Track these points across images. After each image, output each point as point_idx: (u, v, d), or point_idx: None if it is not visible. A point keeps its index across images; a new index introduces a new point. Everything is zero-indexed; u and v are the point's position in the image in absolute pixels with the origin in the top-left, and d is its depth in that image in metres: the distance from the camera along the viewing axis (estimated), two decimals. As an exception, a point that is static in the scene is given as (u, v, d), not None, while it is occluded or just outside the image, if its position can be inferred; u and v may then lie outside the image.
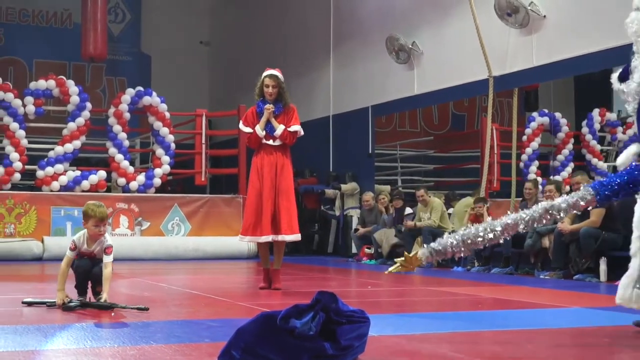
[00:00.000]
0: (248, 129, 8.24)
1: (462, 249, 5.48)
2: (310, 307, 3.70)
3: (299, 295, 7.62)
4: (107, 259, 6.14)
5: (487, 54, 13.11)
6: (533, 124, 15.45)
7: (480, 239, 5.33)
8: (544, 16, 12.47)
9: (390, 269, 6.18)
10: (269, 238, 7.99)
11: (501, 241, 5.51)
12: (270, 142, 8.17)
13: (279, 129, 8.13)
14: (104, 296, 5.96)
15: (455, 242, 5.45)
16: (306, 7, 18.93)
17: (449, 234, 5.54)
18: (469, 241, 5.35)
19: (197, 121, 16.22)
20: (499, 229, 5.32)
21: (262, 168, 8.12)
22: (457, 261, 12.69)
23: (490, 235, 5.34)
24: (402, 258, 6.05)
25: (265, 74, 8.25)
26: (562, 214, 5.23)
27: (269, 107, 8.15)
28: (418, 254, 5.96)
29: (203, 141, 15.96)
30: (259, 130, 8.15)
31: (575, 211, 5.34)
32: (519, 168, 14.58)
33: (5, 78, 15.98)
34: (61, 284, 6.11)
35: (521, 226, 5.25)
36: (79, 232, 6.34)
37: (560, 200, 5.22)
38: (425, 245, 5.65)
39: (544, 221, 5.28)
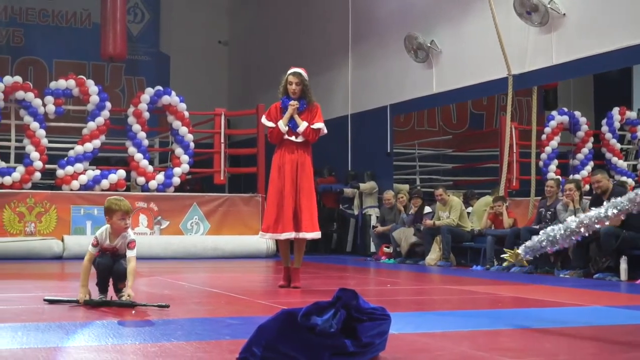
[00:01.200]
0: (270, 124, 8.25)
1: (560, 243, 5.25)
2: (331, 305, 3.71)
3: (318, 294, 7.62)
4: (131, 254, 6.14)
5: (507, 52, 13.09)
6: (552, 123, 15.37)
7: (575, 234, 5.13)
8: (564, 14, 12.42)
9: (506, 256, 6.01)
10: (290, 235, 8.01)
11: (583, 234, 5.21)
12: (292, 138, 8.18)
13: (302, 125, 8.14)
14: (128, 291, 5.97)
15: (551, 238, 5.24)
16: (324, 6, 18.93)
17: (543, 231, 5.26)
18: (565, 236, 5.15)
19: (216, 120, 16.26)
20: (590, 221, 5.10)
21: (283, 165, 8.13)
22: (476, 260, 12.69)
23: (583, 231, 5.13)
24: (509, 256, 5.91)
25: (289, 72, 8.28)
26: None
27: (294, 103, 8.16)
28: (518, 251, 5.79)
29: (222, 140, 15.99)
30: (282, 125, 8.16)
31: None
32: (538, 167, 14.52)
33: (26, 78, 16.07)
34: (84, 280, 6.13)
35: (611, 212, 5.06)
36: (100, 229, 6.32)
37: None
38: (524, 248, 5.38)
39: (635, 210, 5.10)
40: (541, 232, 5.36)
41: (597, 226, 5.12)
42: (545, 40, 12.74)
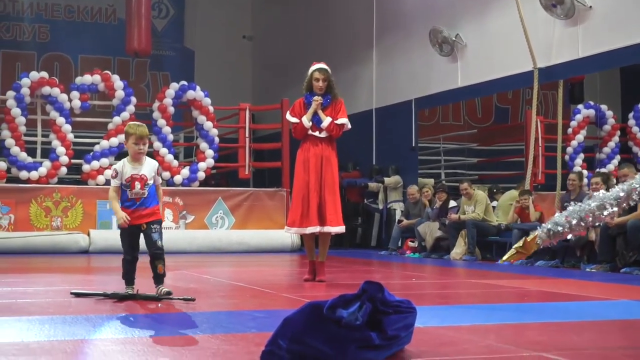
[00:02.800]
0: (294, 119, 8.27)
1: (582, 225, 5.14)
2: (357, 297, 3.70)
3: (343, 287, 7.62)
4: (159, 180, 6.31)
5: (532, 45, 13.00)
6: (578, 117, 15.29)
7: (599, 213, 5.02)
8: (590, 7, 12.33)
9: (506, 256, 5.99)
10: (315, 229, 8.02)
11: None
12: (317, 133, 8.19)
13: (326, 120, 8.15)
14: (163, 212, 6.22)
15: (575, 221, 5.16)
16: (349, 1, 18.90)
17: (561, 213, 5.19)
18: (589, 217, 5.05)
19: (241, 115, 16.28)
20: (614, 201, 4.98)
21: (307, 160, 8.14)
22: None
23: (609, 209, 5.03)
24: (519, 244, 5.87)
25: (314, 67, 8.27)
26: None
27: (318, 99, 8.17)
28: (536, 238, 5.75)
29: (247, 135, 16.01)
30: (306, 120, 8.17)
31: None
32: (564, 161, 14.44)
33: (52, 73, 16.18)
34: (115, 206, 6.13)
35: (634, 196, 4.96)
36: (118, 162, 6.25)
37: None
38: (544, 230, 5.28)
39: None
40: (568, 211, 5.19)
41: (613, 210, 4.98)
42: (571, 33, 12.64)
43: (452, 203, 13.78)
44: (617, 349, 4.28)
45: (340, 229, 8.12)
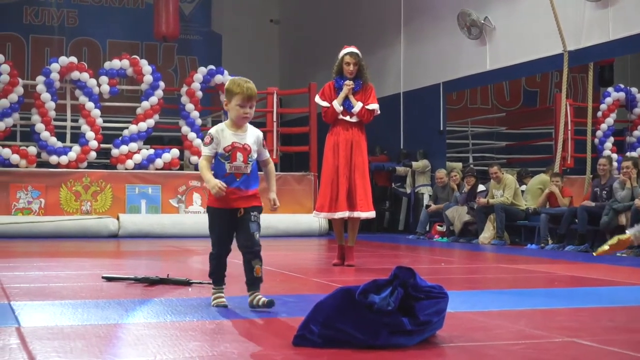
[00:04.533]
0: (325, 103, 8.24)
1: None
2: (389, 283, 3.71)
3: (372, 272, 7.63)
4: (267, 154, 5.09)
5: (562, 28, 12.89)
6: (608, 100, 15.17)
7: None
8: (621, -12, 12.20)
9: (600, 250, 5.96)
10: (344, 214, 8.02)
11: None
12: (347, 118, 8.17)
13: (357, 105, 8.14)
14: (273, 195, 5.03)
15: None
16: (376, -16, 18.82)
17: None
18: None
19: (268, 99, 16.29)
20: None
21: (337, 145, 8.13)
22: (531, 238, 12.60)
23: None
24: (614, 240, 5.85)
25: (345, 51, 8.24)
26: None
27: (349, 83, 8.15)
28: (631, 236, 5.75)
29: (274, 119, 16.02)
30: (337, 105, 8.15)
31: None
32: (594, 144, 14.34)
33: (80, 58, 16.25)
34: (206, 175, 4.78)
35: None
36: (214, 126, 5.01)
37: None
38: (634, 227, 5.32)
39: None
40: None
41: None
42: (602, 15, 12.52)
43: (481, 187, 13.73)
44: (649, 335, 4.26)
45: (370, 214, 8.13)
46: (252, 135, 4.91)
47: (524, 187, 13.86)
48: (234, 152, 4.79)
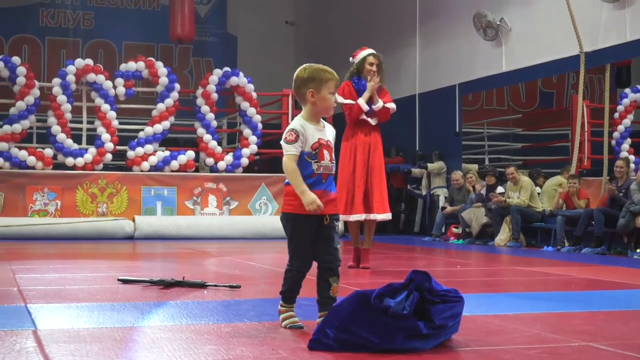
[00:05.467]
0: (349, 101, 8.19)
1: None
2: (404, 286, 3.70)
3: (387, 275, 7.62)
4: None
5: (578, 29, 12.83)
6: (625, 101, 15.10)
7: None
8: (638, -11, 12.14)
9: None
10: (360, 217, 8.01)
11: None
12: (368, 119, 8.15)
13: (379, 103, 8.13)
14: None
15: None
16: (392, -15, 18.80)
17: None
18: None
19: (284, 101, 16.30)
20: None
21: (355, 147, 8.11)
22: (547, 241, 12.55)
23: None
24: None
25: (368, 52, 8.24)
26: None
27: (377, 79, 8.11)
28: None
29: (289, 121, 16.00)
30: (363, 103, 8.12)
31: None
32: (611, 146, 14.27)
33: (96, 60, 16.30)
34: (301, 184, 4.13)
35: None
36: (292, 122, 4.36)
37: None
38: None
39: None
40: None
41: None
42: (619, 16, 12.45)
43: (500, 189, 13.66)
44: (667, 339, 4.23)
45: (387, 216, 8.12)
46: (330, 131, 4.39)
47: (539, 189, 13.81)
48: (321, 150, 4.24)
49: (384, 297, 3.63)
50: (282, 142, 4.23)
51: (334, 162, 4.34)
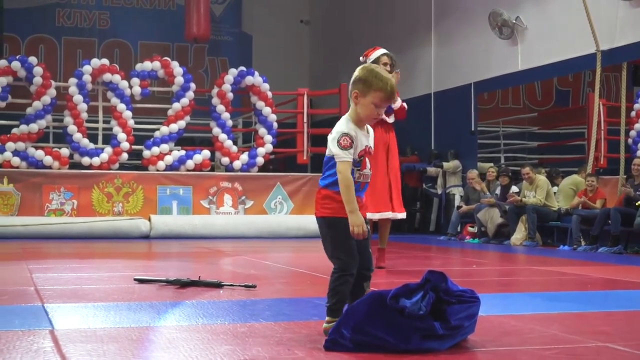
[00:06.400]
0: None
1: None
2: (420, 287, 3.69)
3: (403, 274, 7.61)
4: None
5: (595, 27, 12.77)
6: (642, 99, 15.01)
7: None
8: (655, -13, 12.07)
9: None
10: (375, 216, 7.99)
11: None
12: (386, 118, 8.15)
13: (398, 101, 8.13)
14: None
15: None
16: (407, -16, 18.77)
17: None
18: None
19: (299, 100, 16.29)
20: None
21: (375, 146, 8.09)
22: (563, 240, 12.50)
23: None
24: None
25: (382, 51, 8.23)
26: None
27: (397, 78, 8.09)
28: None
29: (305, 120, 16.03)
30: None
31: None
32: (627, 144, 14.20)
33: (112, 60, 16.35)
34: (353, 201, 3.88)
35: None
36: (341, 123, 4.03)
37: None
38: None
39: None
40: None
41: None
42: (636, 14, 12.39)
43: (514, 188, 13.63)
44: (685, 340, 4.21)
45: (402, 215, 8.11)
46: (372, 136, 4.11)
47: (555, 188, 13.76)
48: (364, 158, 3.98)
49: (400, 298, 3.63)
50: (334, 145, 3.91)
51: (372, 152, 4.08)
